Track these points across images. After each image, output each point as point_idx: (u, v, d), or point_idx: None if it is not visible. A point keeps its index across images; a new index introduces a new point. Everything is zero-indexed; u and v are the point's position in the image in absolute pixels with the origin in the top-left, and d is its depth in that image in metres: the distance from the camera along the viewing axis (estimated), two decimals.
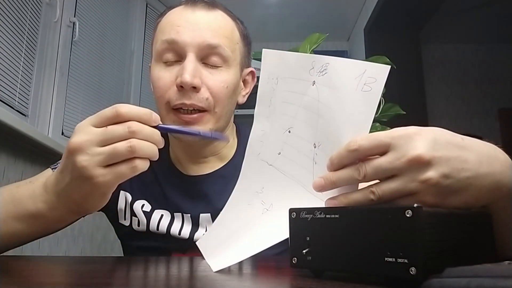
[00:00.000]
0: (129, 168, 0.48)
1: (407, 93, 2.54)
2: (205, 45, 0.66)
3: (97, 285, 0.38)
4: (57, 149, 1.50)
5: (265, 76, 0.51)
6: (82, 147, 0.47)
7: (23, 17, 1.51)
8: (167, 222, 0.71)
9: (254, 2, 2.90)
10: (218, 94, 0.67)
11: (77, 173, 0.48)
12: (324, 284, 0.34)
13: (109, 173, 0.48)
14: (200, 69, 0.66)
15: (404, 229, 0.31)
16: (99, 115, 0.49)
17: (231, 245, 0.49)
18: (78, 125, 0.50)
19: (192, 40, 0.66)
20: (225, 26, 0.70)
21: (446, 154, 0.35)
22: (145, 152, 0.48)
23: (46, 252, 1.56)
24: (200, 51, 0.66)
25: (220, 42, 0.67)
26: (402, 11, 2.60)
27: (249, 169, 0.53)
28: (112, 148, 0.47)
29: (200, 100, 0.65)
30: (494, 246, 0.37)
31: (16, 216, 0.57)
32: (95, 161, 0.47)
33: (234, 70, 0.70)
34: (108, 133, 0.47)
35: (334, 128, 0.42)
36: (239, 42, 0.72)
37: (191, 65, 0.64)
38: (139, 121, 0.48)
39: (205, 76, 0.66)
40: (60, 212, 0.55)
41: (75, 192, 0.51)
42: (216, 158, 0.76)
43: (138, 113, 0.48)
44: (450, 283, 0.26)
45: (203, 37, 0.66)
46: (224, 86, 0.68)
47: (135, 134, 0.47)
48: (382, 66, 0.39)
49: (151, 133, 0.49)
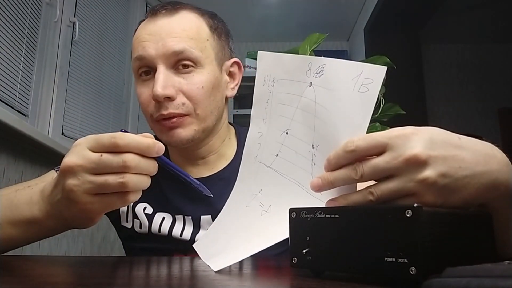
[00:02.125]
0: (119, 201, 0.48)
1: (407, 93, 2.53)
2: (170, 53, 0.66)
3: (97, 285, 0.37)
4: (57, 149, 1.49)
5: (261, 78, 0.51)
6: (73, 171, 0.47)
7: (23, 17, 1.51)
8: (168, 224, 0.72)
9: (254, 2, 2.89)
10: (195, 97, 0.67)
11: (66, 194, 0.48)
12: (324, 284, 0.34)
13: (97, 202, 0.48)
14: (172, 77, 0.67)
15: (404, 229, 0.31)
16: (97, 140, 0.47)
17: (230, 246, 0.49)
18: (76, 143, 0.49)
19: (157, 51, 0.67)
20: (189, 27, 0.69)
21: (443, 153, 0.35)
22: (138, 187, 0.48)
23: (46, 252, 1.56)
24: (168, 60, 0.67)
25: (185, 45, 0.67)
26: (402, 11, 2.60)
27: (246, 171, 0.53)
28: (103, 180, 0.46)
29: (177, 107, 0.66)
30: (494, 246, 0.37)
31: (12, 221, 0.57)
32: (84, 188, 0.47)
33: (208, 68, 0.70)
34: (102, 163, 0.46)
35: (332, 129, 0.42)
36: (209, 37, 0.72)
37: (161, 77, 0.66)
38: (137, 153, 0.47)
39: (179, 82, 0.67)
40: (54, 222, 0.55)
41: (65, 210, 0.51)
42: (215, 158, 0.76)
43: (138, 145, 0.47)
44: (450, 283, 0.26)
45: (167, 46, 0.66)
46: (199, 87, 0.68)
47: (129, 169, 0.46)
48: (379, 67, 0.39)
49: (146, 166, 0.48)
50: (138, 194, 0.49)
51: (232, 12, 2.87)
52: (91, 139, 0.48)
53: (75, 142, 0.49)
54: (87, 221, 0.53)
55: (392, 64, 1.58)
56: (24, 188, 0.61)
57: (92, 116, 2.03)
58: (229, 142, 0.79)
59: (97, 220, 0.53)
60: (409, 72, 2.67)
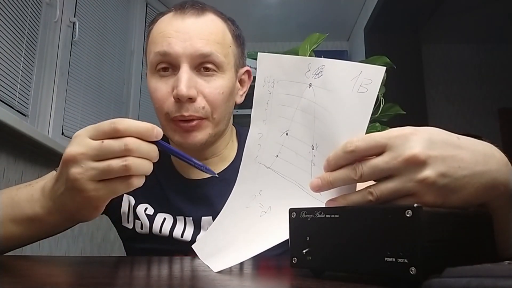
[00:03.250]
0: (123, 185, 0.48)
1: (407, 93, 2.54)
2: (197, 54, 0.66)
3: (97, 285, 0.37)
4: (57, 149, 1.50)
5: (261, 80, 0.51)
6: (76, 159, 0.47)
7: (23, 17, 1.51)
8: (169, 225, 0.72)
9: (254, 2, 2.90)
10: (214, 101, 0.67)
11: (70, 184, 0.48)
12: (324, 284, 0.34)
13: (102, 188, 0.48)
14: (195, 78, 0.67)
15: (404, 229, 0.31)
16: (97, 128, 0.47)
17: (229, 248, 0.49)
18: (76, 134, 0.49)
19: (184, 50, 0.66)
20: (216, 31, 0.69)
21: (442, 153, 0.35)
22: (141, 170, 0.47)
23: (46, 252, 1.56)
24: (193, 61, 0.66)
25: (212, 49, 0.67)
26: (402, 11, 2.60)
27: (246, 172, 0.53)
28: (106, 165, 0.46)
29: (197, 110, 0.66)
30: (494, 246, 0.37)
31: (14, 219, 0.57)
32: (88, 175, 0.47)
33: (229, 74, 0.70)
34: (104, 149, 0.46)
35: (331, 130, 0.42)
36: (232, 44, 0.72)
37: (186, 76, 0.65)
38: (137, 137, 0.47)
39: (200, 84, 0.67)
40: (56, 217, 0.55)
41: (69, 202, 0.51)
42: (217, 160, 0.76)
43: (137, 128, 0.47)
44: (450, 283, 0.26)
45: (195, 47, 0.66)
46: (220, 92, 0.68)
47: (131, 152, 0.46)
48: (378, 67, 0.39)
49: (147, 150, 0.48)
50: (141, 179, 0.49)
51: (232, 12, 2.88)
52: (90, 128, 0.48)
53: (75, 134, 0.49)
54: (92, 210, 0.52)
55: (392, 64, 1.58)
56: (25, 186, 0.61)
57: (92, 116, 2.03)
58: (231, 144, 0.79)
59: (102, 209, 0.53)
60: (409, 72, 2.67)
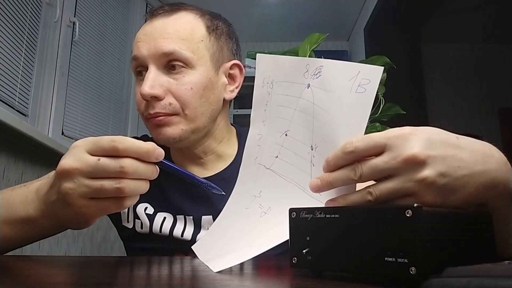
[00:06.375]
0: (114, 205, 0.48)
1: (407, 93, 2.53)
2: (159, 54, 0.67)
3: (98, 285, 0.37)
4: (57, 149, 1.50)
5: (260, 81, 0.51)
6: (69, 174, 0.46)
7: (23, 17, 1.51)
8: (169, 225, 0.72)
9: (254, 2, 2.89)
10: (183, 98, 0.68)
11: (61, 197, 0.48)
12: (324, 284, 0.34)
13: (93, 206, 0.48)
14: (163, 77, 0.68)
15: (404, 229, 0.31)
16: (96, 143, 0.47)
17: (229, 249, 0.49)
18: (74, 145, 0.48)
19: (149, 52, 0.68)
20: (183, 28, 0.69)
21: (442, 153, 0.35)
22: (135, 191, 0.47)
23: (46, 252, 1.56)
24: (158, 61, 0.68)
25: (175, 46, 0.67)
26: (402, 11, 2.60)
27: (246, 173, 0.53)
28: (99, 185, 0.46)
29: (164, 107, 0.67)
30: (494, 246, 0.38)
31: (8, 221, 0.56)
32: (80, 192, 0.46)
33: (200, 70, 0.69)
34: (99, 167, 0.46)
35: (330, 130, 0.42)
36: (205, 38, 0.71)
37: (150, 76, 0.67)
38: (137, 158, 0.47)
39: (168, 82, 0.68)
40: (49, 221, 0.55)
41: (59, 211, 0.51)
42: (214, 159, 0.76)
43: (137, 150, 0.46)
44: (450, 283, 0.26)
45: (157, 47, 0.67)
46: (188, 88, 0.68)
47: (127, 174, 0.46)
48: (376, 67, 0.39)
49: (145, 172, 0.47)
50: (134, 199, 0.49)
51: (232, 12, 2.87)
52: (90, 142, 0.47)
53: (73, 144, 0.48)
54: (82, 223, 0.52)
55: (392, 64, 1.58)
56: (20, 187, 0.61)
57: (92, 116, 2.03)
58: (229, 143, 0.79)
59: (93, 223, 0.53)
60: (409, 72, 2.67)
